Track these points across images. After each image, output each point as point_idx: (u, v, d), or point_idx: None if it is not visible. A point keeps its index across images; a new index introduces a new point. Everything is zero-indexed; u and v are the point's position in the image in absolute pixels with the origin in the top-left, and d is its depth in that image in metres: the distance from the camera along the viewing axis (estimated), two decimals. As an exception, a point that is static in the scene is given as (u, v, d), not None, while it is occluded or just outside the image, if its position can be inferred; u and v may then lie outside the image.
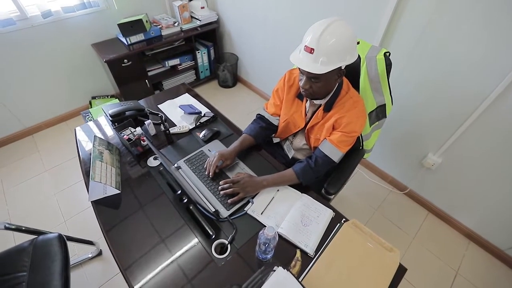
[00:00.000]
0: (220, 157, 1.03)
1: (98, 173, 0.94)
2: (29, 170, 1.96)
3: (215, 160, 1.02)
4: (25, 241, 1.15)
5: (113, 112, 1.20)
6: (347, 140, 0.99)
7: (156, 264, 0.80)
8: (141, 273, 0.79)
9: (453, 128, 1.36)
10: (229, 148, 1.09)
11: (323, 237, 0.86)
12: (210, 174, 1.01)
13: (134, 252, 0.83)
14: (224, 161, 1.04)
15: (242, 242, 0.86)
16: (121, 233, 0.88)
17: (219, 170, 1.04)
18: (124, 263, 0.81)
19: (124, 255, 0.83)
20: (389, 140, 1.72)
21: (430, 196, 1.72)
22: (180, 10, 2.27)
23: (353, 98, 0.99)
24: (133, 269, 0.79)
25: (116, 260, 0.82)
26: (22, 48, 1.89)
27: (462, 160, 1.43)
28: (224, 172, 1.06)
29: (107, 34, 2.20)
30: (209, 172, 1.02)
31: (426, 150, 1.55)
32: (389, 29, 1.36)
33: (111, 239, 0.87)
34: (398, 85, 1.45)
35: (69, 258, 1.14)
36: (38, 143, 2.17)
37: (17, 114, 2.10)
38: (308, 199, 0.96)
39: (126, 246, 0.85)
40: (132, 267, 0.80)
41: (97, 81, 2.38)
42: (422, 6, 1.21)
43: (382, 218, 1.72)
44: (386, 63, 1.00)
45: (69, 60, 2.13)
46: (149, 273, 0.78)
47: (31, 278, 1.05)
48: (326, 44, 0.80)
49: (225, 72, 2.66)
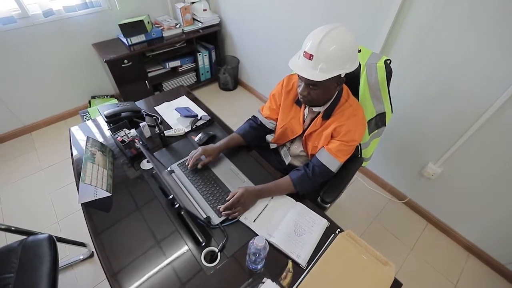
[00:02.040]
0: (203, 152, 1.04)
1: (88, 175, 0.92)
2: (25, 168, 1.95)
3: (197, 154, 1.03)
4: (14, 242, 1.13)
5: (108, 113, 1.18)
6: (346, 149, 0.97)
7: (143, 271, 0.78)
8: (128, 280, 0.76)
9: (454, 138, 1.33)
10: (214, 145, 1.08)
11: (316, 248, 0.84)
12: (189, 166, 1.03)
13: (122, 258, 0.81)
14: (206, 157, 1.04)
15: (233, 250, 0.83)
16: (110, 237, 0.86)
17: (204, 166, 1.04)
18: (111, 270, 0.79)
19: (112, 261, 0.81)
20: (389, 148, 1.70)
21: (429, 206, 1.69)
22: (182, 12, 2.27)
23: (352, 106, 0.97)
24: (120, 276, 0.77)
25: (102, 266, 0.80)
26: (23, 46, 1.89)
27: (462, 171, 1.40)
28: (210, 168, 1.06)
29: (108, 34, 2.20)
30: (190, 163, 1.03)
31: (426, 159, 1.53)
32: (390, 36, 1.34)
33: (99, 244, 0.85)
34: (399, 93, 1.44)
35: (58, 260, 1.12)
36: (36, 141, 2.16)
37: (16, 112, 2.10)
38: (302, 207, 0.94)
39: (115, 252, 0.83)
40: (119, 274, 0.78)
41: (97, 81, 2.37)
42: (425, 13, 1.19)
43: (380, 227, 1.69)
44: (386, 70, 0.98)
45: (69, 59, 2.13)
46: (135, 281, 0.76)
47: (18, 279, 1.03)
48: (326, 51, 0.78)
49: (226, 75, 2.65)
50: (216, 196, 0.97)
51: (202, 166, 1.04)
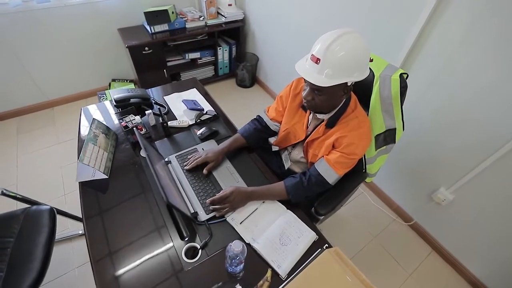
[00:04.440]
0: (206, 158, 1.02)
1: (88, 155, 0.95)
2: (43, 140, 2.06)
3: (199, 159, 1.02)
4: (19, 209, 1.19)
5: (117, 98, 1.21)
6: (346, 162, 0.92)
7: (125, 261, 0.79)
8: (109, 268, 0.77)
9: (472, 164, 1.23)
10: (217, 148, 1.06)
11: (299, 260, 0.81)
12: (188, 167, 1.02)
13: (110, 243, 0.82)
14: (209, 162, 1.03)
15: (215, 249, 0.82)
16: (101, 221, 0.88)
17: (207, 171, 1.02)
18: (97, 254, 0.80)
19: (97, 246, 0.82)
20: (400, 166, 1.61)
21: (436, 233, 1.59)
22: (207, 5, 2.28)
23: (359, 117, 0.92)
24: (102, 263, 0.78)
25: (88, 249, 0.82)
26: (54, 24, 1.99)
27: (476, 201, 1.30)
28: (206, 163, 1.04)
29: (134, 21, 2.26)
30: (189, 165, 1.02)
31: (438, 183, 1.43)
32: (413, 51, 1.27)
33: (89, 225, 0.87)
34: (416, 109, 1.36)
35: (55, 232, 1.16)
36: (56, 116, 2.28)
37: (42, 86, 2.22)
38: (292, 216, 0.91)
39: (106, 235, 0.84)
40: (102, 260, 0.79)
41: (119, 65, 2.45)
42: (452, 32, 1.11)
43: (379, 247, 1.61)
44: (401, 85, 0.92)
45: (95, 41, 2.21)
46: (115, 270, 0.77)
47: (16, 244, 1.09)
48: (334, 56, 0.75)
49: (243, 71, 2.64)
50: (207, 192, 0.96)
51: (207, 171, 1.02)
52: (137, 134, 0.84)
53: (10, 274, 1.00)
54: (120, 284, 0.75)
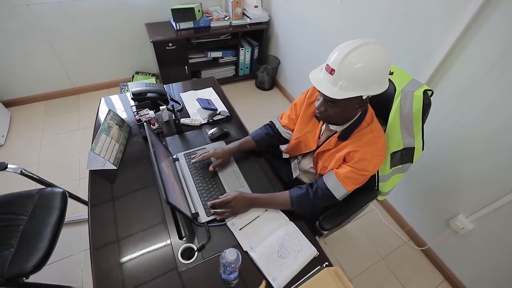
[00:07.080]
0: (213, 154, 1.02)
1: (100, 145, 0.97)
2: (66, 125, 2.17)
3: (206, 154, 1.02)
4: (35, 189, 1.25)
5: (135, 91, 1.23)
6: (356, 178, 0.88)
7: (122, 253, 0.80)
8: (106, 257, 0.79)
9: (497, 194, 1.13)
10: (226, 147, 1.05)
11: (296, 276, 0.77)
12: (194, 160, 1.02)
13: (110, 233, 0.84)
14: (217, 159, 1.02)
15: (211, 253, 0.81)
16: (105, 210, 0.90)
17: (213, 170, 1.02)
18: (96, 243, 0.82)
19: (98, 234, 0.84)
20: (417, 187, 1.52)
21: (450, 262, 1.48)
22: (233, 5, 2.29)
23: (374, 132, 0.87)
24: (101, 252, 0.80)
25: (90, 236, 0.84)
26: (88, 16, 2.09)
27: (498, 235, 1.19)
28: (217, 173, 1.03)
29: (161, 17, 2.32)
30: (195, 158, 1.02)
31: (457, 209, 1.33)
32: (440, 68, 1.19)
33: (93, 214, 0.89)
34: (441, 128, 1.28)
35: (64, 215, 1.20)
36: (81, 103, 2.39)
37: (70, 73, 2.33)
38: (293, 228, 0.87)
39: (104, 225, 0.86)
40: (101, 249, 0.81)
41: (143, 58, 2.53)
42: (487, 50, 1.03)
43: (386, 269, 1.53)
44: (424, 102, 0.87)
45: (123, 34, 2.30)
46: (111, 260, 0.78)
47: (28, 223, 1.14)
48: (350, 68, 0.71)
49: (264, 74, 2.63)
50: (211, 194, 0.96)
51: (214, 168, 1.01)
52: (146, 129, 0.85)
53: (19, 251, 1.05)
54: (115, 274, 0.76)
